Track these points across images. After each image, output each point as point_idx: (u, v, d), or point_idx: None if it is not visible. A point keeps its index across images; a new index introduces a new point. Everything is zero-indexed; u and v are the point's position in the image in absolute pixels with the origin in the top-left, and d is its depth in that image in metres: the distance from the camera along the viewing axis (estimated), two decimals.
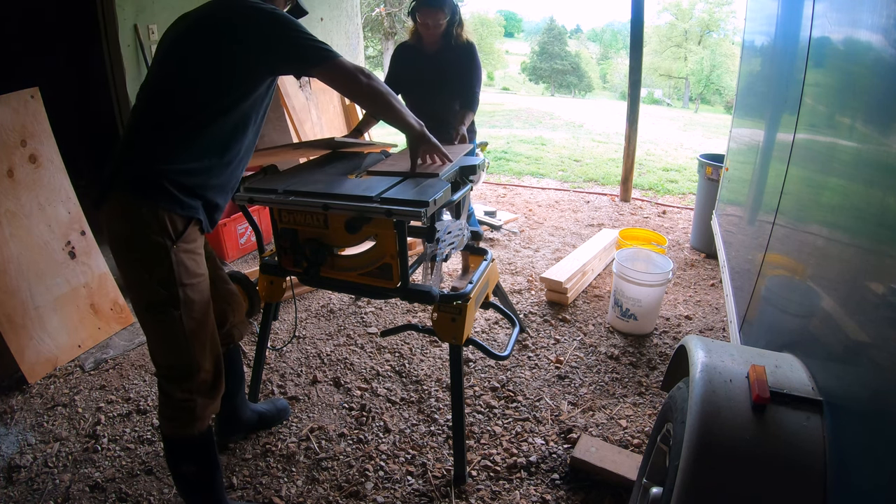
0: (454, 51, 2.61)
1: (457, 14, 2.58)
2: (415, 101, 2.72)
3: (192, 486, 1.42)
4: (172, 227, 1.22)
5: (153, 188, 1.20)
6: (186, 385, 1.31)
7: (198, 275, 1.30)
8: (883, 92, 0.94)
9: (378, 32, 19.21)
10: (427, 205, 1.44)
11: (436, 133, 2.84)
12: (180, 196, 1.22)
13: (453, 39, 2.60)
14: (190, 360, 1.30)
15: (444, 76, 2.63)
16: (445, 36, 2.59)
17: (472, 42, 2.66)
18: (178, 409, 1.32)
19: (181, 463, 1.38)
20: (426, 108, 2.66)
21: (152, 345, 1.32)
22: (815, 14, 1.48)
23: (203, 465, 1.39)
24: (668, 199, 5.01)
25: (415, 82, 2.67)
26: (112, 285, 2.62)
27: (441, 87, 2.64)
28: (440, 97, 2.65)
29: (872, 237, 0.92)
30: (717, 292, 3.02)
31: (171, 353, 1.30)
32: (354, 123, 5.24)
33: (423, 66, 2.63)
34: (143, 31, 3.14)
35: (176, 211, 1.22)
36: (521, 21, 54.27)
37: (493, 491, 1.69)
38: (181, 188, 1.22)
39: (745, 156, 2.57)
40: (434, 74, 2.63)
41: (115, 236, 1.25)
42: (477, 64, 2.65)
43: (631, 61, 4.53)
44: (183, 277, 1.25)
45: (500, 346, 2.47)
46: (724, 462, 0.93)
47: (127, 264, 1.26)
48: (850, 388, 0.90)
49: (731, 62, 25.36)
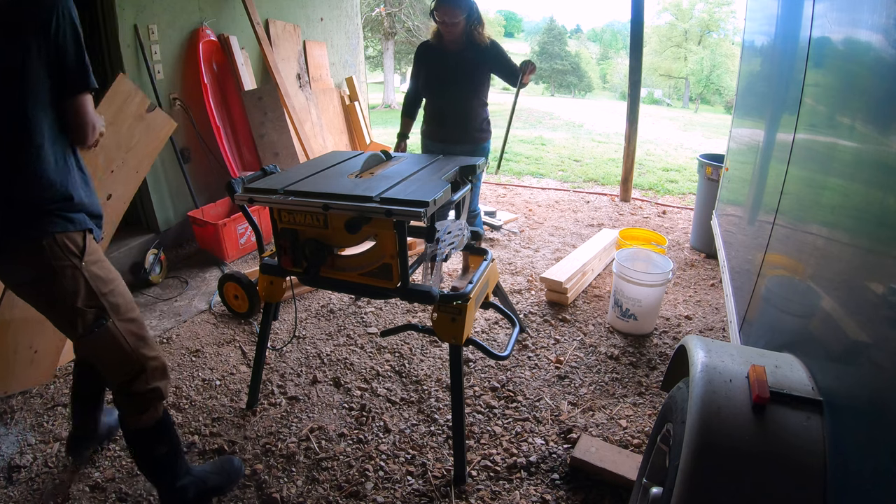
0: (476, 50, 2.67)
1: (475, 13, 2.63)
2: (438, 98, 2.79)
3: (166, 465, 1.47)
4: (74, 246, 1.24)
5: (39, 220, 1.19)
6: (145, 377, 1.37)
7: (112, 280, 1.34)
8: (883, 92, 0.94)
9: (378, 32, 19.20)
10: (427, 205, 1.44)
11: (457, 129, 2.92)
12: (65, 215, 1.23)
13: (477, 38, 2.65)
14: (139, 356, 1.36)
15: (465, 75, 2.69)
16: (466, 35, 2.65)
17: (494, 41, 2.72)
18: (148, 400, 1.39)
19: (156, 447, 1.43)
20: (449, 106, 2.76)
21: (104, 363, 1.35)
22: (815, 14, 1.48)
23: (172, 441, 1.47)
24: (668, 199, 5.01)
25: (438, 80, 2.74)
26: None
27: (463, 85, 2.70)
28: (462, 95, 2.71)
29: (872, 237, 0.92)
30: (717, 292, 3.02)
31: (122, 359, 1.34)
32: (355, 124, 5.26)
33: (446, 65, 2.69)
34: (143, 31, 3.14)
35: (69, 230, 1.23)
36: (521, 21, 54.25)
37: (493, 491, 1.69)
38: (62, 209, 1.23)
39: (745, 156, 2.57)
40: (456, 73, 2.68)
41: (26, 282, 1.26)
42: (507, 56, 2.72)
43: (631, 61, 4.53)
44: (101, 288, 1.29)
45: (500, 346, 2.47)
46: (724, 462, 0.93)
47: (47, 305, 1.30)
48: (850, 388, 0.90)
49: (731, 62, 25.36)
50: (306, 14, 4.65)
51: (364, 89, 5.82)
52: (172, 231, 3.55)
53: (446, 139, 2.79)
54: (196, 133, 3.57)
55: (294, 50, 4.41)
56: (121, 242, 3.22)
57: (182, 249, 3.54)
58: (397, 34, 19.16)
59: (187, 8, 3.48)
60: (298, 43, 4.49)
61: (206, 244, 3.42)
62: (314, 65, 4.72)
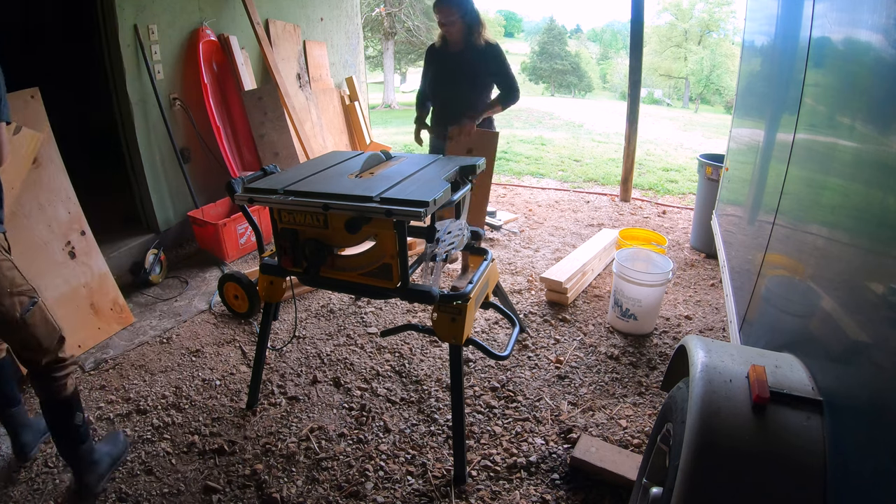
0: (476, 51, 2.75)
1: (471, 14, 2.72)
2: (444, 97, 2.91)
3: (84, 434, 1.65)
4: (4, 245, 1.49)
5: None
6: (64, 346, 1.59)
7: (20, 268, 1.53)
8: (883, 92, 0.94)
9: (378, 32, 19.19)
10: (427, 205, 1.44)
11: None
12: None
13: (475, 40, 2.73)
14: (58, 325, 1.58)
15: (464, 75, 2.78)
16: (466, 36, 2.74)
17: (494, 42, 2.79)
18: (69, 366, 1.60)
19: (76, 414, 1.62)
20: (454, 105, 2.88)
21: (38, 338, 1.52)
22: (816, 14, 1.48)
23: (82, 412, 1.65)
24: (668, 199, 5.01)
25: (440, 80, 2.87)
26: (112, 285, 2.62)
27: (462, 84, 2.79)
28: (463, 94, 2.81)
29: (872, 237, 0.92)
30: (717, 292, 3.02)
31: (52, 330, 1.56)
32: (355, 124, 5.26)
33: (448, 66, 2.80)
34: (143, 31, 3.14)
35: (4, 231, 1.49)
36: (521, 21, 54.21)
37: (493, 491, 1.69)
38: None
39: (745, 156, 2.57)
40: (455, 73, 2.78)
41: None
42: (503, 62, 2.79)
43: (631, 61, 4.53)
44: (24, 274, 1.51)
45: (500, 346, 2.47)
46: (724, 462, 0.93)
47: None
48: (850, 388, 0.90)
49: (731, 62, 25.32)
50: (306, 14, 4.65)
51: (364, 89, 5.82)
52: (172, 231, 3.55)
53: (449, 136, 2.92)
54: (196, 133, 3.58)
55: (294, 50, 4.41)
56: (121, 242, 3.23)
57: (182, 249, 3.54)
58: (397, 34, 19.15)
59: (187, 8, 3.48)
60: (298, 43, 4.49)
61: (206, 244, 3.42)
62: (314, 65, 4.72)
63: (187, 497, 1.67)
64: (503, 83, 2.80)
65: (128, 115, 3.16)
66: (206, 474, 1.75)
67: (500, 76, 2.76)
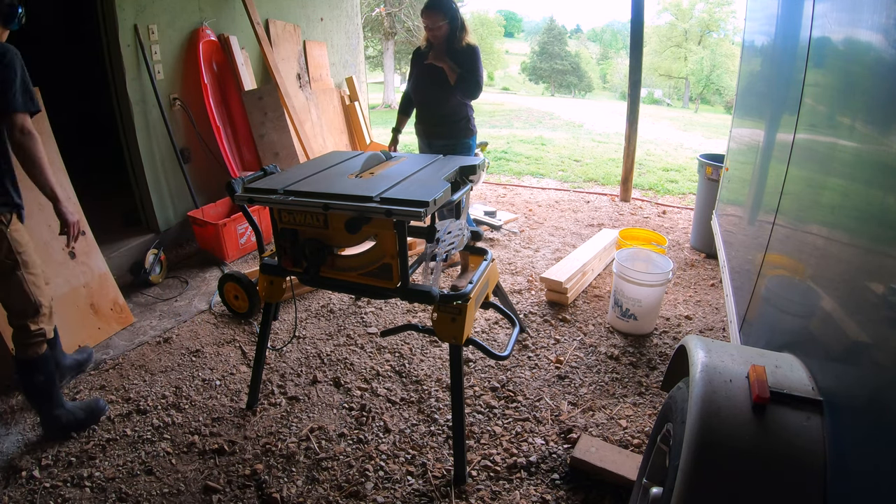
0: (453, 52, 2.80)
1: (457, 19, 2.79)
2: (423, 100, 2.96)
3: (42, 393, 1.86)
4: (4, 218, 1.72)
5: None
6: (35, 319, 1.82)
7: (26, 243, 1.79)
8: (883, 92, 0.94)
9: (378, 32, 19.19)
10: (427, 205, 1.44)
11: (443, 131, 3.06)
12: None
13: (456, 44, 2.80)
14: (35, 302, 1.81)
15: (443, 76, 2.80)
16: (449, 40, 2.80)
17: (473, 44, 2.85)
18: (34, 337, 1.82)
19: (35, 376, 1.83)
20: (431, 105, 2.96)
21: (9, 299, 1.79)
22: (816, 14, 1.48)
23: (47, 375, 1.86)
24: (668, 199, 5.01)
25: (421, 82, 2.91)
26: (112, 285, 2.62)
27: (441, 86, 2.82)
28: (443, 95, 2.84)
29: (872, 237, 0.92)
30: (717, 292, 3.02)
31: (23, 301, 1.79)
32: (355, 123, 5.26)
33: (428, 68, 2.82)
34: (143, 31, 3.14)
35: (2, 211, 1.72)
36: (521, 21, 54.23)
37: (493, 491, 1.69)
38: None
39: (745, 156, 2.57)
40: (436, 75, 2.80)
41: None
42: (475, 61, 2.81)
43: (631, 61, 4.53)
44: (17, 248, 1.74)
45: (500, 346, 2.47)
46: (724, 462, 0.93)
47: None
48: (849, 388, 0.90)
49: (731, 62, 25.32)
50: (306, 14, 4.65)
51: (364, 89, 5.82)
52: (172, 231, 3.55)
53: (430, 135, 3.01)
54: (196, 133, 3.57)
55: (294, 50, 4.41)
56: (121, 242, 3.23)
57: (182, 249, 3.54)
58: (397, 34, 19.15)
59: (187, 8, 3.48)
60: (298, 43, 4.49)
61: (206, 244, 3.42)
62: (314, 65, 4.72)
63: (187, 497, 1.67)
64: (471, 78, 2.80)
65: (128, 115, 3.16)
66: (206, 474, 1.75)
67: (469, 72, 2.79)
